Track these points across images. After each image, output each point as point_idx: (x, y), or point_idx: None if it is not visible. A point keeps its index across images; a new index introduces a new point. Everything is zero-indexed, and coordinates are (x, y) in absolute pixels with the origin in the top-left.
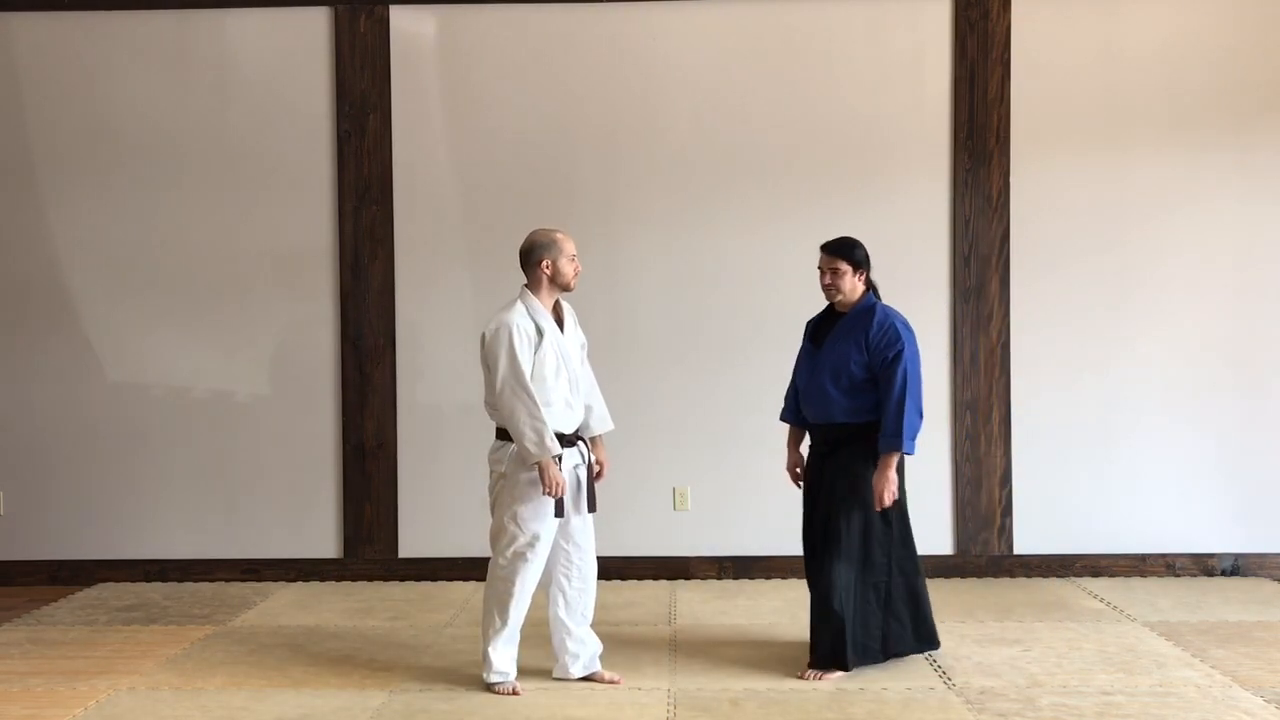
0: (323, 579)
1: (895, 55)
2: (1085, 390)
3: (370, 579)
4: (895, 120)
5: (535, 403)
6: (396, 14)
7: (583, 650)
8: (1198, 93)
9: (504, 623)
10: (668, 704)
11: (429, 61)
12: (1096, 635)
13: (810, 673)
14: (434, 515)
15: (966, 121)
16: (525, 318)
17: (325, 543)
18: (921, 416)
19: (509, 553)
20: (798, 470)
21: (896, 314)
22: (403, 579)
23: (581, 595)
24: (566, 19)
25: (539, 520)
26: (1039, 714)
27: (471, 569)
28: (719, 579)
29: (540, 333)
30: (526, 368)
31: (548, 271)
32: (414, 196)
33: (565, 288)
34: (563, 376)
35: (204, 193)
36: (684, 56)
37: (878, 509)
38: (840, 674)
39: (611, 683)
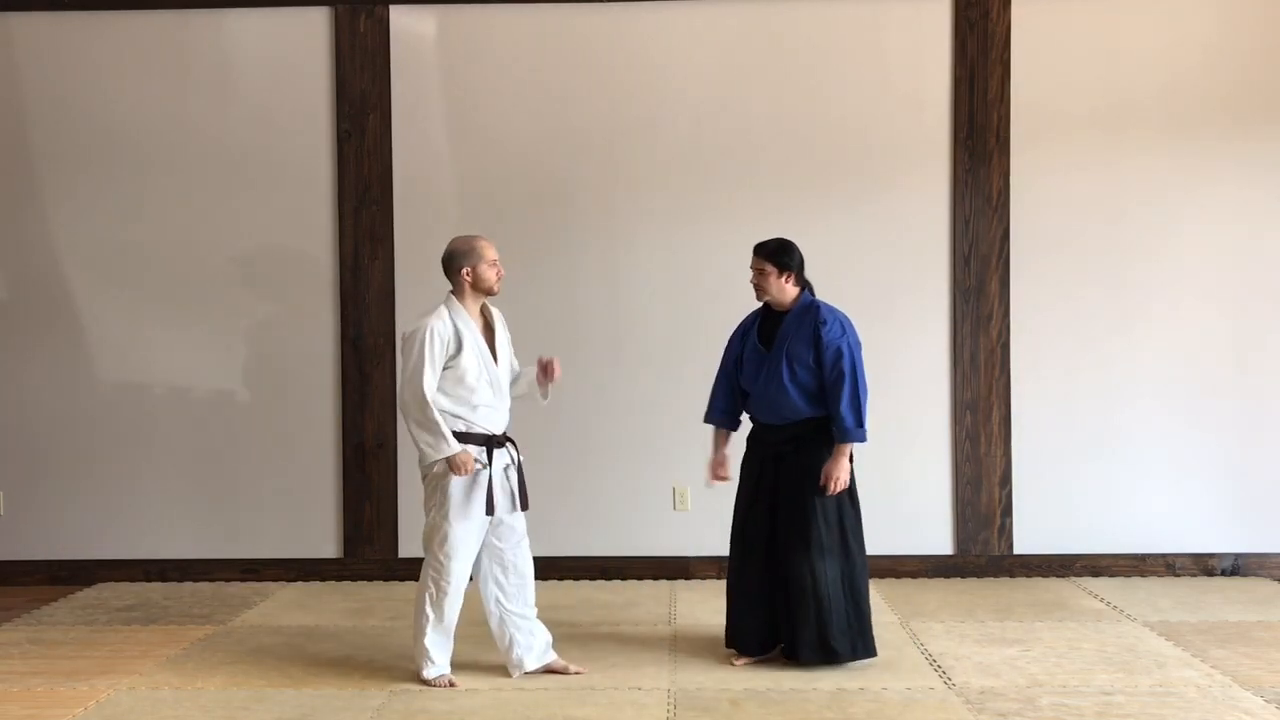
0: (323, 579)
1: (895, 55)
2: (1085, 390)
3: (370, 579)
4: (895, 120)
5: (429, 406)
6: (396, 14)
7: (534, 641)
8: (1197, 92)
9: (439, 619)
10: (668, 704)
11: (429, 61)
12: (1096, 635)
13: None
14: None
15: (966, 121)
16: (445, 323)
17: (325, 543)
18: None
19: (443, 551)
20: (720, 471)
21: (837, 310)
22: (403, 579)
23: (520, 588)
24: (567, 19)
25: (469, 519)
26: (1039, 714)
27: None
28: (719, 579)
29: (460, 338)
30: (434, 371)
31: (469, 278)
32: (414, 196)
33: (489, 292)
34: (484, 379)
35: (204, 192)
36: (684, 56)
37: (828, 493)
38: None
39: (577, 673)
